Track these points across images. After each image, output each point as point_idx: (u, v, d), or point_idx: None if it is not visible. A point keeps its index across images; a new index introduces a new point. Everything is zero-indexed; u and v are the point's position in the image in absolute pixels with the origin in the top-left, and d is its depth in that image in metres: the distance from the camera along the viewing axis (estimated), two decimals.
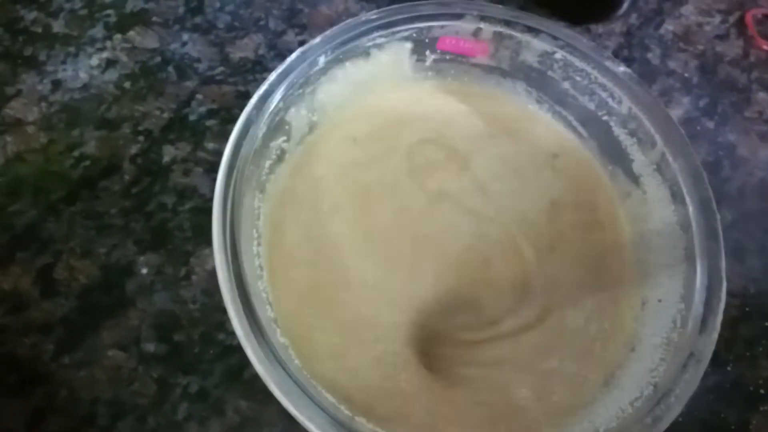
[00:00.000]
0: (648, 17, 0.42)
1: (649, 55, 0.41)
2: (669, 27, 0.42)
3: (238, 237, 0.23)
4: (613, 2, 0.41)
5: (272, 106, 0.25)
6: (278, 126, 0.26)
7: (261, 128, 0.25)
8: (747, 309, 0.35)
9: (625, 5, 0.41)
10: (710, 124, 0.40)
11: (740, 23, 0.43)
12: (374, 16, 0.27)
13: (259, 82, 0.27)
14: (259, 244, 0.26)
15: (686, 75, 0.41)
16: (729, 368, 0.34)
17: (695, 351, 0.24)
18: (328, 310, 0.26)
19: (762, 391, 0.34)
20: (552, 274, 0.29)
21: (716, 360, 0.34)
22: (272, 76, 0.25)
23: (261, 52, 0.37)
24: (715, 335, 0.24)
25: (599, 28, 0.41)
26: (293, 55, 0.26)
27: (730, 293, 0.35)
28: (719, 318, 0.24)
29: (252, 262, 0.25)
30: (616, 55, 0.41)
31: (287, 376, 0.22)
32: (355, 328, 0.26)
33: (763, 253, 0.37)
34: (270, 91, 0.25)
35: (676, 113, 0.40)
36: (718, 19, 0.43)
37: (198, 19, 0.37)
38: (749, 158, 0.39)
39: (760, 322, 0.35)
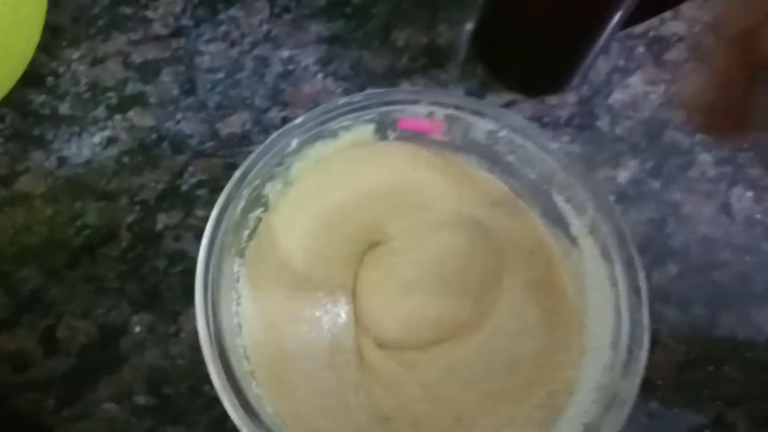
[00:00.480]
0: (598, 88, 0.46)
1: (599, 123, 0.45)
2: (618, 96, 0.46)
3: (218, 299, 0.27)
4: (565, 76, 0.45)
5: (250, 182, 0.29)
6: (256, 199, 0.30)
7: (240, 202, 0.28)
8: (692, 355, 0.38)
9: (577, 78, 0.45)
10: (656, 185, 0.43)
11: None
12: (344, 103, 0.31)
13: (245, 155, 0.30)
14: (238, 304, 0.29)
15: (634, 140, 0.45)
16: (675, 411, 0.37)
17: (618, 393, 0.27)
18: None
19: None
20: (503, 324, 0.32)
21: (664, 403, 0.37)
22: (250, 158, 0.29)
23: (247, 127, 0.41)
24: (638, 379, 0.27)
25: (553, 99, 0.45)
26: (269, 139, 0.30)
27: (676, 340, 0.39)
28: (641, 363, 0.27)
29: (231, 321, 0.28)
30: (569, 123, 0.45)
31: (259, 423, 0.25)
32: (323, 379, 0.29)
33: (707, 303, 0.40)
34: (249, 170, 0.29)
35: (624, 175, 0.44)
36: (662, 87, 0.47)
37: (191, 100, 0.41)
38: (693, 215, 0.43)
39: (705, 368, 0.38)
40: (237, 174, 0.29)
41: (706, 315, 0.40)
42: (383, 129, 0.33)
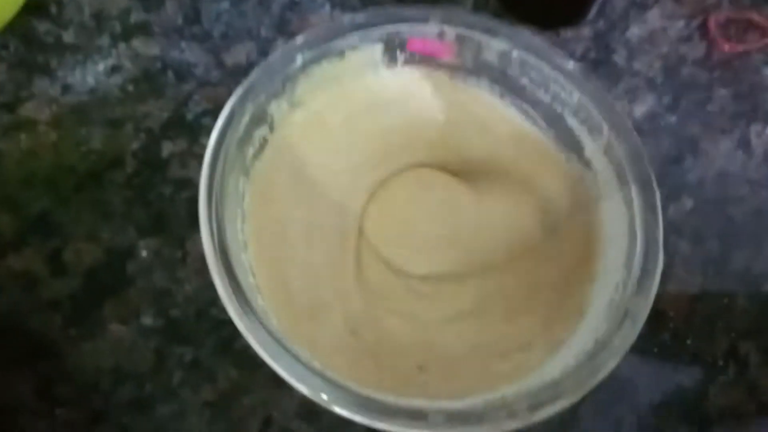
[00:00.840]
0: (614, 22, 0.45)
1: (616, 57, 0.44)
2: (635, 31, 0.45)
3: (222, 213, 0.26)
4: (581, 8, 0.44)
5: (254, 98, 0.28)
6: (261, 117, 0.29)
7: (244, 117, 0.28)
8: (705, 288, 0.38)
9: (593, 11, 0.44)
10: (673, 119, 0.42)
11: (703, 27, 0.46)
12: (349, 20, 0.31)
13: None
14: (243, 222, 0.29)
15: (651, 75, 0.44)
16: (688, 342, 0.37)
17: (631, 310, 0.26)
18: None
19: (721, 363, 0.36)
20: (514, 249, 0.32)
21: (676, 335, 0.37)
22: (254, 73, 0.28)
23: (252, 58, 0.40)
24: (651, 295, 0.27)
25: (568, 33, 0.44)
26: (273, 55, 0.29)
27: (690, 273, 0.38)
28: (656, 280, 0.27)
29: (236, 236, 0.28)
30: (584, 57, 0.44)
31: (264, 331, 0.25)
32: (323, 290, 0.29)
33: (721, 237, 0.39)
34: (253, 85, 0.28)
35: (640, 110, 0.43)
36: (681, 23, 0.46)
37: (195, 29, 0.41)
38: (710, 150, 0.42)
39: (719, 300, 0.38)
40: (240, 88, 0.28)
41: (720, 249, 0.39)
42: (392, 50, 0.32)
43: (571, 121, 0.32)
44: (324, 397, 0.24)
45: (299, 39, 0.30)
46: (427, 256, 0.33)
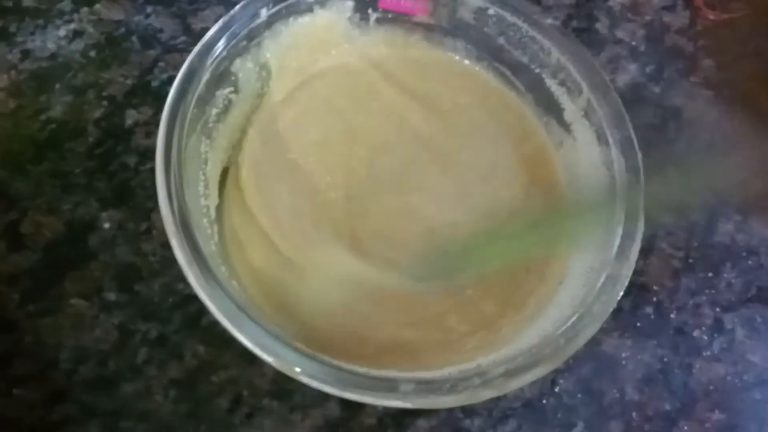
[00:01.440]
0: None
1: (598, 25, 0.43)
2: None
3: (182, 177, 0.25)
4: None
5: (215, 54, 0.27)
6: (223, 75, 0.28)
7: (204, 74, 0.26)
8: (690, 261, 0.37)
9: None
10: (656, 89, 0.41)
11: None
12: None
13: None
14: (206, 187, 0.28)
15: (633, 43, 0.43)
16: (672, 316, 0.36)
17: (612, 274, 0.25)
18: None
19: (705, 338, 0.35)
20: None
21: (659, 309, 0.36)
22: (215, 27, 0.27)
23: None
24: (633, 258, 0.26)
25: (549, 0, 0.43)
26: (236, 8, 0.27)
27: (674, 246, 0.37)
28: (637, 242, 0.26)
29: (198, 202, 0.27)
30: (565, 24, 0.42)
31: (228, 300, 0.24)
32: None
33: (705, 209, 0.38)
34: (213, 41, 0.27)
35: (623, 79, 0.41)
36: None
37: None
38: (694, 120, 0.41)
39: (703, 273, 0.37)
40: (200, 43, 0.27)
41: (704, 221, 0.38)
42: (363, 7, 0.31)
43: (550, 82, 0.31)
44: (295, 369, 0.23)
45: None
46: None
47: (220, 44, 0.27)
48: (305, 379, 0.24)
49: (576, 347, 0.24)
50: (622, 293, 0.25)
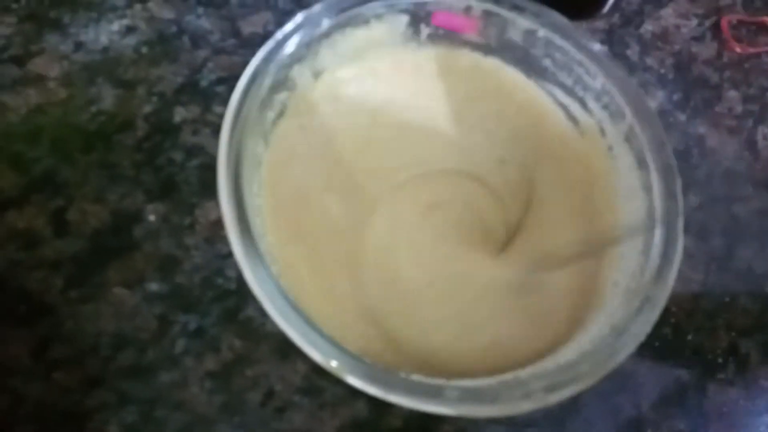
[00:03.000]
0: (629, 17, 0.45)
1: (628, 52, 0.44)
2: (648, 27, 0.45)
3: (240, 172, 0.26)
4: (596, 2, 0.43)
5: (280, 60, 0.28)
6: (283, 80, 0.29)
7: (267, 78, 0.27)
8: (709, 284, 0.38)
9: (608, 5, 0.43)
10: (682, 117, 0.43)
11: (716, 27, 0.46)
12: None
13: None
14: (260, 187, 0.28)
15: (662, 71, 0.44)
16: (689, 337, 0.37)
17: (650, 296, 0.26)
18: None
19: (720, 360, 0.36)
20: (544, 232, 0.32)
21: (677, 329, 0.37)
22: (280, 34, 0.28)
23: (269, 28, 0.40)
24: (670, 282, 0.27)
25: (582, 25, 0.44)
26: (298, 17, 0.28)
27: (693, 270, 0.38)
28: (675, 268, 0.27)
29: (252, 201, 0.27)
30: None
31: (280, 296, 0.24)
32: (338, 263, 0.29)
33: (725, 234, 0.39)
34: (278, 46, 0.28)
35: (651, 105, 0.42)
36: (694, 22, 0.46)
37: None
38: (717, 149, 0.42)
39: (721, 297, 0.38)
40: (265, 48, 0.28)
41: (724, 246, 0.39)
42: (416, 22, 0.32)
43: (593, 106, 0.31)
44: (334, 364, 0.24)
45: (323, 4, 0.30)
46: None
47: (284, 50, 0.28)
48: (350, 379, 0.24)
49: (614, 365, 0.25)
50: (659, 314, 0.26)
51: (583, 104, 0.32)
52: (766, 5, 0.47)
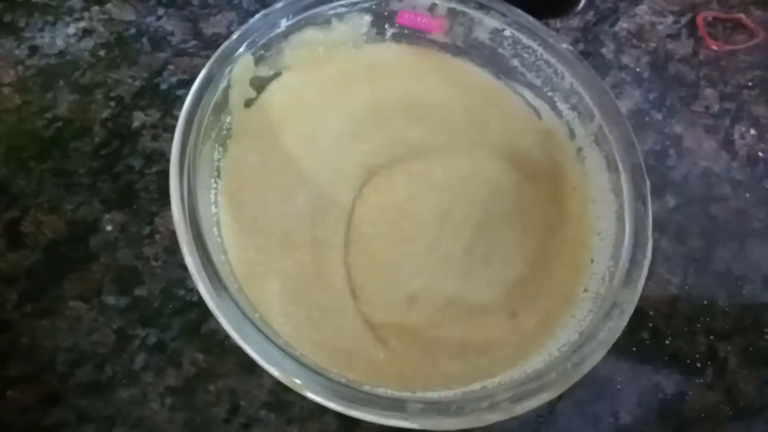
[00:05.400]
0: (604, 15, 0.45)
1: (603, 50, 0.43)
2: (623, 25, 0.45)
3: (195, 181, 0.25)
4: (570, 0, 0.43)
5: (234, 62, 0.27)
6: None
7: (222, 81, 0.26)
8: (687, 287, 0.37)
9: (582, 3, 0.43)
10: (658, 116, 0.42)
11: (691, 24, 0.46)
12: None
13: None
14: (216, 194, 0.27)
15: (638, 70, 0.43)
16: (667, 342, 0.36)
17: (619, 301, 0.25)
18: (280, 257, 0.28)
19: (698, 365, 0.36)
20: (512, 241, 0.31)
21: (655, 334, 0.36)
22: (235, 35, 0.27)
23: (233, 28, 0.38)
24: (639, 287, 0.26)
25: (557, 23, 0.43)
26: (256, 17, 0.27)
27: (671, 272, 0.37)
28: (644, 272, 0.26)
29: (209, 210, 0.26)
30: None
31: (237, 311, 0.23)
32: (303, 274, 0.28)
33: (703, 235, 0.39)
34: (233, 48, 0.27)
35: (626, 104, 0.42)
36: (670, 19, 0.45)
37: None
38: (694, 149, 0.41)
39: (699, 301, 0.37)
40: (220, 50, 0.27)
41: (702, 248, 0.38)
42: (380, 23, 0.31)
43: (562, 106, 0.31)
44: (297, 381, 0.23)
45: (281, 3, 0.29)
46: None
47: (239, 52, 0.27)
48: (311, 395, 0.23)
49: (581, 373, 0.24)
50: (627, 321, 0.26)
51: (552, 105, 0.31)
52: (742, 2, 0.46)
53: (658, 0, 0.46)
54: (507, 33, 0.30)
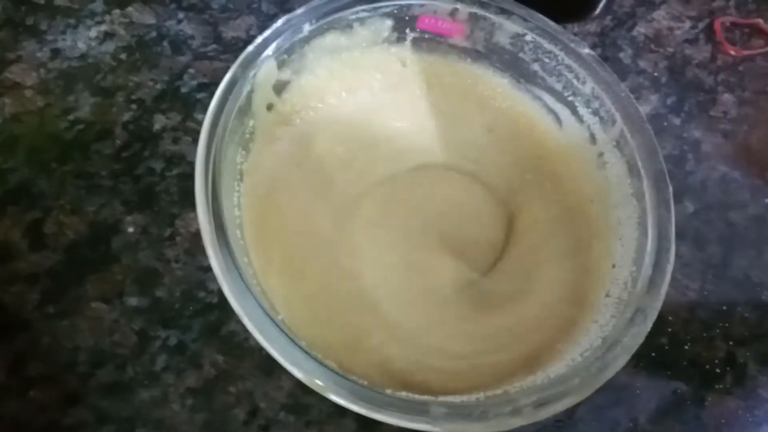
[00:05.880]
0: (621, 20, 0.45)
1: (621, 55, 0.43)
2: (641, 29, 0.45)
3: (219, 183, 0.25)
4: (588, 4, 0.43)
5: (258, 66, 0.27)
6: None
7: (246, 86, 0.26)
8: (705, 293, 0.37)
9: (600, 7, 0.43)
10: (677, 121, 0.42)
11: (709, 29, 0.45)
12: None
13: None
14: (239, 198, 0.28)
15: (656, 74, 0.43)
16: (686, 347, 0.36)
17: (642, 307, 0.25)
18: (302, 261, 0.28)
19: (717, 371, 0.35)
20: (532, 243, 0.31)
21: (674, 339, 0.36)
22: (259, 39, 0.27)
23: (252, 32, 0.39)
24: (663, 293, 0.26)
25: (574, 28, 0.43)
26: (279, 22, 0.27)
27: (690, 278, 0.37)
28: (667, 277, 0.26)
29: (232, 213, 0.26)
30: None
31: (261, 312, 0.23)
32: (327, 276, 0.28)
33: (722, 241, 0.39)
34: (257, 52, 0.27)
35: (644, 109, 0.42)
36: (688, 24, 0.45)
37: None
38: (712, 154, 0.41)
39: (718, 306, 0.37)
40: (244, 54, 0.27)
41: (720, 254, 0.38)
42: (401, 27, 0.31)
43: (583, 111, 0.31)
44: (319, 383, 0.23)
45: (304, 7, 0.29)
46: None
47: (263, 57, 0.27)
48: (334, 397, 0.23)
49: (605, 379, 0.24)
50: (651, 326, 0.26)
51: (573, 110, 0.31)
52: (759, 7, 0.46)
53: (675, 5, 0.46)
54: (528, 38, 0.30)
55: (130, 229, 0.33)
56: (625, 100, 0.29)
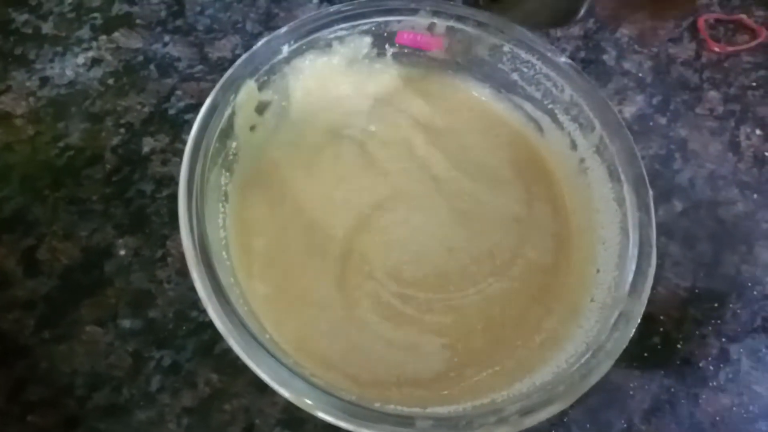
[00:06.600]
0: (604, 22, 0.45)
1: (605, 57, 0.44)
2: (624, 31, 0.45)
3: (203, 206, 0.25)
4: (570, 8, 0.43)
5: (238, 90, 0.27)
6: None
7: (227, 108, 0.27)
8: (697, 291, 0.37)
9: (582, 11, 0.43)
10: (663, 120, 0.42)
11: (693, 27, 0.46)
12: (334, 10, 0.30)
13: None
14: (224, 220, 0.28)
15: (640, 75, 0.43)
16: (679, 346, 0.36)
17: (625, 311, 0.25)
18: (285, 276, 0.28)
19: (711, 368, 0.36)
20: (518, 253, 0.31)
21: (666, 339, 0.36)
22: (238, 62, 0.27)
23: (238, 52, 0.39)
24: (645, 296, 0.26)
25: (558, 32, 0.44)
26: (258, 44, 0.28)
27: (681, 277, 0.37)
28: (649, 280, 0.26)
29: (217, 235, 0.27)
30: (573, 57, 0.43)
31: (246, 333, 0.24)
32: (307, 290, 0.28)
33: (712, 239, 0.39)
34: (237, 75, 0.27)
35: (630, 110, 0.42)
36: (671, 23, 0.45)
37: (179, 22, 0.39)
38: (700, 152, 0.41)
39: (710, 304, 0.37)
40: (224, 78, 0.27)
41: (710, 252, 0.38)
42: (380, 43, 0.31)
43: (563, 118, 0.31)
44: (308, 402, 0.23)
45: (284, 29, 0.29)
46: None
47: (243, 79, 0.27)
48: (321, 414, 0.24)
49: (589, 385, 0.24)
50: (634, 330, 0.26)
51: (553, 117, 0.31)
52: (743, 3, 0.46)
53: (658, 4, 0.46)
54: (506, 49, 0.31)
55: (122, 252, 0.33)
56: (604, 107, 0.29)
